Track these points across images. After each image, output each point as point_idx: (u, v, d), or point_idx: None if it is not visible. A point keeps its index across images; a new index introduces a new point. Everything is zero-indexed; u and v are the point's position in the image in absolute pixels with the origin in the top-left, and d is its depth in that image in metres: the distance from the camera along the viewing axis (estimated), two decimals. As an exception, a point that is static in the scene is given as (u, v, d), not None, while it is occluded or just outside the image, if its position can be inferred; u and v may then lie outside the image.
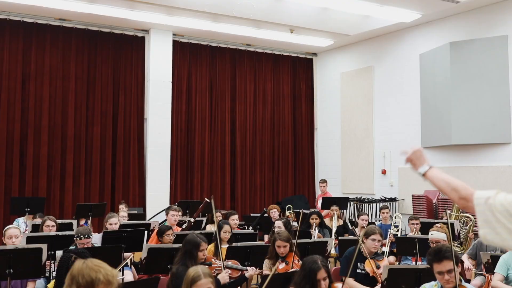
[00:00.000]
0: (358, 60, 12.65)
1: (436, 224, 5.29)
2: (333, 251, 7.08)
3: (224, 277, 4.26)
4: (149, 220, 8.79)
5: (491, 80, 9.52)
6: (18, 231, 5.19)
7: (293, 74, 13.54)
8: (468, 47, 9.76)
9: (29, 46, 10.31)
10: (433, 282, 3.45)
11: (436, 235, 5.09)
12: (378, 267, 4.67)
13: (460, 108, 9.74)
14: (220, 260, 4.56)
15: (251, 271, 4.58)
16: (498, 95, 9.45)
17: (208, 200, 5.33)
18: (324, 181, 10.38)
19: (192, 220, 7.14)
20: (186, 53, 11.99)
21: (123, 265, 5.11)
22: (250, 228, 7.53)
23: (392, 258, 6.89)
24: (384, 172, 11.70)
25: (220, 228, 5.83)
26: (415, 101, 10.89)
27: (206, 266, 3.27)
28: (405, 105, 11.22)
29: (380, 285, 4.48)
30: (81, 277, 2.33)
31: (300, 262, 4.94)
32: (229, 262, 4.67)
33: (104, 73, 11.05)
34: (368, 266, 4.58)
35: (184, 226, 7.05)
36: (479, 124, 9.57)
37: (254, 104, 12.87)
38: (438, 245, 3.67)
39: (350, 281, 4.54)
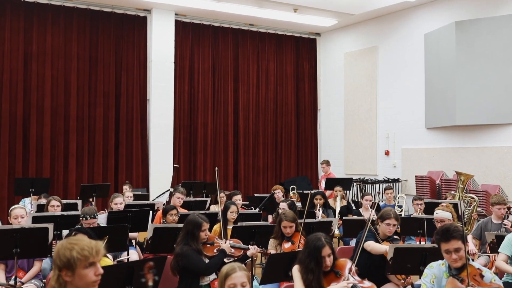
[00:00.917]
0: (362, 40, 12.53)
1: (442, 204, 5.28)
2: (336, 231, 7.10)
3: (227, 246, 4.34)
4: (152, 200, 8.81)
5: (497, 60, 9.43)
6: (24, 211, 5.20)
7: (296, 55, 13.43)
8: (474, 26, 9.65)
9: (30, 26, 10.23)
10: (440, 261, 3.45)
11: (441, 214, 5.09)
12: None
13: (465, 88, 9.67)
14: (222, 239, 4.58)
15: (252, 249, 4.58)
16: (503, 75, 9.37)
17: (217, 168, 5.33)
18: (324, 162, 10.36)
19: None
20: (188, 33, 11.88)
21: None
22: (258, 209, 7.53)
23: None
24: (387, 153, 11.68)
25: (227, 208, 5.83)
26: (419, 82, 10.82)
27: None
28: (409, 86, 11.15)
29: (361, 242, 4.44)
30: (58, 260, 2.29)
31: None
32: (231, 241, 4.68)
33: (106, 53, 10.97)
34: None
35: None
36: (484, 104, 9.52)
37: (257, 85, 12.80)
38: (446, 224, 3.66)
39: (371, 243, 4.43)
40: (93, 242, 2.36)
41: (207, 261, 4.24)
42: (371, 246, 4.40)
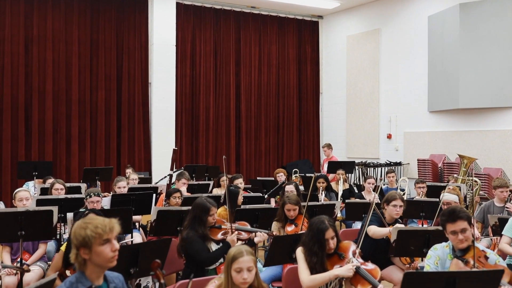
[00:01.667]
0: (364, 23, 12.42)
1: (449, 187, 5.29)
2: (339, 215, 7.13)
3: (233, 240, 4.27)
4: (155, 184, 8.83)
5: (501, 43, 9.35)
6: (28, 194, 5.22)
7: (298, 37, 13.34)
8: (478, 8, 9.55)
9: (30, 10, 10.15)
10: (444, 243, 3.46)
11: (448, 196, 5.10)
12: None
13: (468, 71, 9.61)
14: (229, 222, 4.57)
15: (260, 237, 4.53)
16: (507, 58, 9.30)
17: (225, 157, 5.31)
18: (326, 145, 10.36)
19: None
20: (189, 15, 11.79)
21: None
22: (266, 196, 7.55)
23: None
24: (389, 136, 11.67)
25: (237, 193, 5.85)
26: (422, 65, 10.75)
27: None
28: (412, 69, 11.08)
29: (364, 227, 4.45)
30: (75, 239, 2.37)
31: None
32: (237, 224, 4.68)
33: (107, 36, 10.91)
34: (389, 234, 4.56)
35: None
36: (487, 87, 9.47)
37: (259, 68, 12.74)
38: (452, 205, 3.67)
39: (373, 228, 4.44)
40: (107, 220, 2.41)
41: (213, 245, 4.22)
42: (372, 230, 4.41)
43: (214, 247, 4.20)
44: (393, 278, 4.47)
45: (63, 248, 4.13)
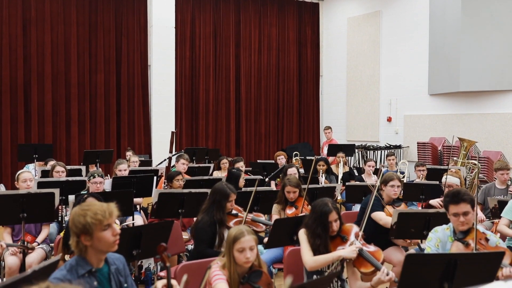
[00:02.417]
0: (365, 5, 12.31)
1: (451, 169, 5.30)
2: (339, 197, 7.15)
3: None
4: (155, 166, 8.84)
5: (503, 26, 9.29)
6: (31, 175, 5.21)
7: (298, 20, 13.23)
8: (481, -10, 9.46)
9: (28, -10, 10.03)
10: (444, 226, 3.48)
11: (450, 179, 5.12)
12: None
13: (469, 54, 9.56)
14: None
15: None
16: (508, 41, 9.25)
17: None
18: (328, 128, 10.36)
19: None
20: (189, -3, 11.68)
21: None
22: (267, 179, 7.57)
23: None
24: (389, 119, 11.66)
25: (238, 176, 5.86)
26: (423, 47, 10.69)
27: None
28: (413, 51, 11.02)
29: (368, 207, 4.48)
30: (75, 227, 2.36)
31: (309, 206, 5.01)
32: (253, 215, 4.70)
33: (105, 18, 10.80)
34: (387, 213, 4.60)
35: None
36: (488, 70, 9.43)
37: (259, 50, 12.66)
38: (457, 188, 3.68)
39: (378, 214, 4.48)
40: (105, 205, 2.39)
41: (226, 231, 4.22)
42: (384, 220, 4.42)
43: (227, 233, 4.23)
44: (392, 259, 4.50)
45: (62, 234, 4.16)
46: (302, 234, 3.42)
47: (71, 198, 4.95)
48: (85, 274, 2.38)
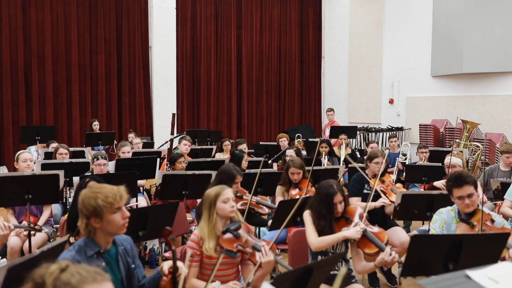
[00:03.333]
0: (368, -15, 12.17)
1: (453, 151, 5.31)
2: (342, 179, 7.16)
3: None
4: (158, 148, 8.85)
5: (507, 7, 9.19)
6: (31, 155, 5.20)
7: (300, 0, 13.10)
8: (486, -30, 9.34)
9: (27, -30, 9.92)
10: (449, 207, 3.49)
11: (453, 159, 5.14)
12: (382, 181, 4.78)
13: (473, 35, 9.48)
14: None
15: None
16: (513, 21, 9.17)
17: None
18: (331, 110, 10.32)
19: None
20: (190, -23, 11.55)
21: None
22: (270, 161, 7.57)
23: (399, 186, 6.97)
24: (391, 101, 11.62)
25: (241, 157, 5.86)
26: (426, 29, 10.60)
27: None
28: (416, 33, 10.93)
29: (387, 198, 4.54)
30: (85, 209, 2.36)
31: (313, 188, 5.02)
32: (258, 197, 4.72)
33: (106, -2, 10.71)
34: (373, 183, 4.67)
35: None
36: (492, 52, 9.37)
37: (261, 32, 12.56)
38: (458, 170, 3.69)
39: (353, 200, 4.65)
40: (115, 188, 2.40)
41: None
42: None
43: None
44: (393, 241, 4.53)
45: (67, 216, 4.17)
46: (307, 215, 3.44)
47: (76, 179, 4.96)
48: (93, 255, 2.39)
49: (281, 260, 3.02)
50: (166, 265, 2.47)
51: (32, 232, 4.15)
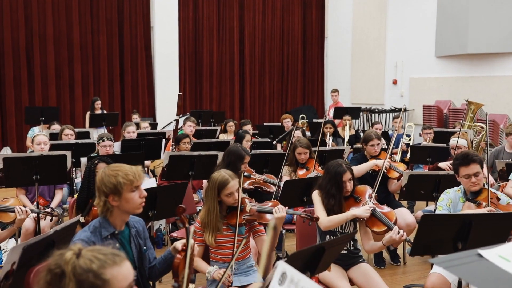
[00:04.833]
0: (372, -36, 12.02)
1: (458, 132, 5.32)
2: (346, 160, 7.18)
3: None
4: (162, 129, 8.85)
5: (514, -15, 9.10)
6: (47, 139, 5.20)
7: (303, -21, 12.96)
8: (492, -52, 9.22)
9: None
10: (455, 188, 3.52)
11: (459, 140, 5.15)
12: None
13: (478, 15, 9.40)
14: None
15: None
16: (519, 1, 9.08)
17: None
18: (335, 91, 10.29)
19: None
20: (192, -45, 11.40)
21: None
22: (275, 142, 7.59)
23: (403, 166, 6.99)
24: (395, 82, 11.58)
25: (242, 137, 5.86)
26: (431, 9, 10.50)
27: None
28: (421, 13, 10.83)
29: (380, 171, 4.54)
30: (104, 187, 2.38)
31: (320, 167, 5.05)
32: (265, 176, 4.75)
33: (107, -23, 10.58)
34: (380, 160, 4.71)
35: None
36: (497, 32, 9.30)
37: (263, 12, 12.45)
38: (465, 150, 3.71)
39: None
40: (134, 167, 2.42)
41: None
42: (355, 170, 4.44)
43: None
44: (399, 222, 4.56)
45: (76, 196, 4.19)
46: (316, 195, 3.46)
47: (83, 160, 4.97)
48: (108, 236, 2.42)
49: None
50: (179, 244, 2.50)
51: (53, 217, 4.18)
